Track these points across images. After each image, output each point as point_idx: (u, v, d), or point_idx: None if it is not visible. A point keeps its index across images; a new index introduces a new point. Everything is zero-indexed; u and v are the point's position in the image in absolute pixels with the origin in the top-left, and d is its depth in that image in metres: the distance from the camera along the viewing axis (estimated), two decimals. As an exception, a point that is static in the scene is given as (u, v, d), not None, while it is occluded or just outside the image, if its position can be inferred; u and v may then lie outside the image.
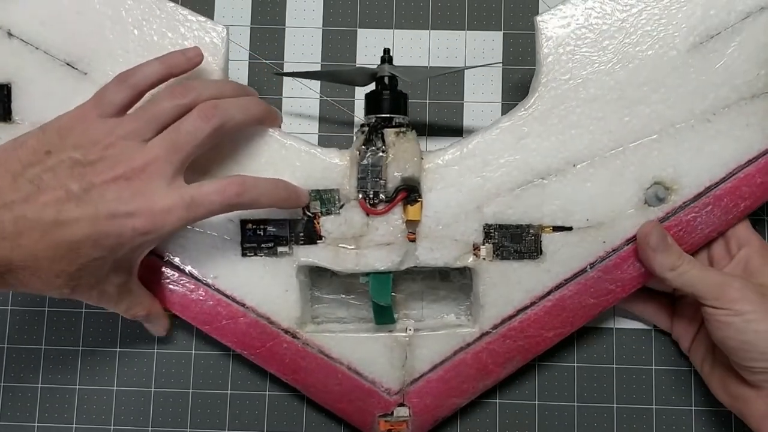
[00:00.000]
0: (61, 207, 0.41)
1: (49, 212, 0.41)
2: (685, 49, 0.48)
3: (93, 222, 0.41)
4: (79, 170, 0.42)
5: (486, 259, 0.50)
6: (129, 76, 0.45)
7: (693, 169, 0.49)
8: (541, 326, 0.50)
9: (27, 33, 0.51)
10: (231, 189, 0.44)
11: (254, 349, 0.51)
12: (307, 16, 0.59)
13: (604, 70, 0.49)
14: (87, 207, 0.41)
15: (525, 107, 0.49)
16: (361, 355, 0.51)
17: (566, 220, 0.49)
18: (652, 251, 0.47)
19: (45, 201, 0.41)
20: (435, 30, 0.58)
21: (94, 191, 0.42)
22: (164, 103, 0.44)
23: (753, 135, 0.48)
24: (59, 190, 0.41)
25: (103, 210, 0.41)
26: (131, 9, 0.51)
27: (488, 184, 0.49)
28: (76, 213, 0.41)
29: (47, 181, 0.42)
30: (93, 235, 0.41)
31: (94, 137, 0.43)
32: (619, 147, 0.49)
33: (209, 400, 0.56)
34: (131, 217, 0.42)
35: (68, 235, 0.41)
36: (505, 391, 0.55)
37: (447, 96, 0.57)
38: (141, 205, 0.42)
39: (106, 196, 0.42)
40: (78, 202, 0.41)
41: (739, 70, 0.48)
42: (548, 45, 0.49)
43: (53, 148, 0.42)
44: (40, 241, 0.41)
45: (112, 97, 0.44)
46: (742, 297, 0.46)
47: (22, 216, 0.41)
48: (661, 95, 0.48)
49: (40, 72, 0.51)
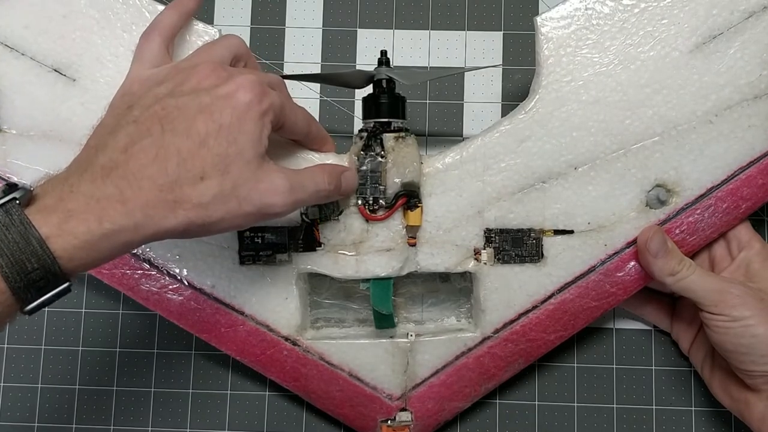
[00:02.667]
0: (167, 107, 0.38)
1: (155, 110, 0.38)
2: (688, 50, 0.48)
3: (205, 107, 0.38)
4: (171, 94, 0.39)
5: (487, 263, 0.49)
6: (152, 28, 0.44)
7: (695, 171, 0.48)
8: (543, 329, 0.50)
9: (11, 38, 0.49)
10: (332, 180, 0.44)
11: (254, 356, 0.51)
12: (307, 16, 0.58)
13: (606, 72, 0.48)
14: (190, 96, 0.39)
15: (525, 110, 0.48)
16: (363, 361, 0.51)
17: (568, 224, 0.49)
18: (653, 257, 0.47)
19: (149, 121, 0.38)
20: (435, 30, 0.58)
21: (191, 90, 0.39)
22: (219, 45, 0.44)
23: (755, 136, 0.48)
24: (161, 109, 0.38)
25: (208, 95, 0.39)
26: (120, 12, 0.49)
27: (489, 188, 0.49)
28: (180, 100, 0.38)
29: (142, 114, 0.38)
30: (210, 119, 0.38)
31: (167, 70, 0.41)
32: (621, 149, 0.48)
33: (209, 400, 0.56)
34: (242, 90, 0.39)
35: (188, 129, 0.38)
36: (505, 391, 0.56)
37: (447, 97, 0.57)
38: (249, 79, 0.40)
39: (203, 83, 0.39)
40: (179, 97, 0.39)
41: (742, 71, 0.48)
42: (548, 47, 0.48)
43: (131, 102, 0.39)
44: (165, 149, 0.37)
45: (149, 50, 0.43)
46: (740, 303, 0.46)
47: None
48: (663, 97, 0.48)
49: (27, 79, 0.49)
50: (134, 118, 0.38)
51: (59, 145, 0.49)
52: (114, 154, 0.37)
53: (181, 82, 0.40)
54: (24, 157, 0.50)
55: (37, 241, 0.34)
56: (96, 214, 0.35)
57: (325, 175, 0.44)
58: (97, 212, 0.35)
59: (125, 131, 0.38)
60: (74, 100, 0.49)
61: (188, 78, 0.40)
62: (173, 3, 0.46)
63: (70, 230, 0.35)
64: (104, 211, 0.36)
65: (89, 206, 0.35)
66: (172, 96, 0.39)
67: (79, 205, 0.35)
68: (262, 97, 0.40)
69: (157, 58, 0.43)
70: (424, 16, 0.58)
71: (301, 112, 0.45)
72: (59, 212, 0.35)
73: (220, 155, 0.38)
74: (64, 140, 0.49)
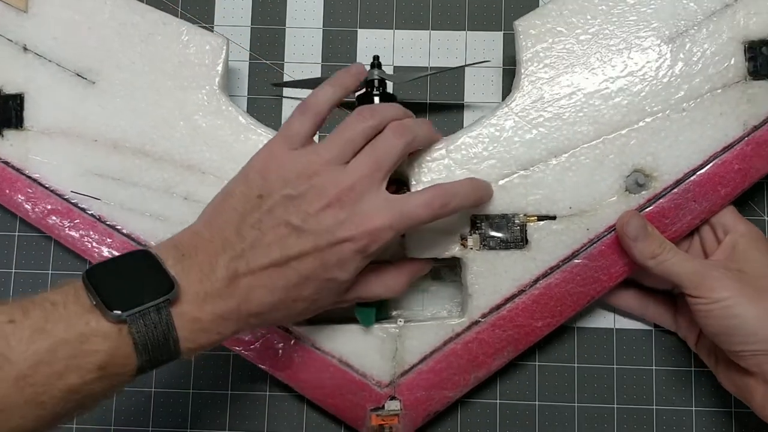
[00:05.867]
0: (284, 243, 0.42)
1: (275, 250, 0.42)
2: (659, 43, 0.51)
3: (316, 252, 0.43)
4: (293, 204, 0.43)
5: (473, 248, 0.51)
6: (309, 106, 0.46)
7: (671, 156, 0.50)
8: (530, 315, 0.51)
9: (41, 47, 0.54)
10: (437, 201, 0.45)
11: (248, 344, 0.52)
12: (307, 16, 0.59)
13: (581, 64, 0.51)
14: (308, 238, 0.43)
15: (507, 104, 0.51)
16: (353, 347, 0.51)
17: (550, 209, 0.51)
18: (632, 240, 0.48)
19: (269, 241, 0.42)
20: (435, 30, 0.59)
21: (311, 221, 0.43)
22: (356, 126, 0.45)
23: (727, 123, 0.50)
24: (281, 228, 0.43)
25: (323, 239, 0.43)
26: (138, 24, 0.54)
27: (474, 176, 0.51)
28: (299, 246, 0.42)
29: (267, 223, 0.43)
30: (319, 265, 0.43)
31: (298, 170, 0.44)
32: (599, 137, 0.50)
33: (209, 400, 0.56)
34: (350, 241, 0.43)
35: (297, 268, 0.43)
36: (505, 391, 0.55)
37: (447, 96, 0.58)
38: (357, 227, 0.43)
39: (323, 223, 0.43)
40: (299, 234, 0.43)
41: (710, 62, 0.50)
42: (526, 44, 0.52)
43: (263, 191, 0.43)
44: (273, 285, 0.43)
45: (298, 128, 0.46)
46: (719, 285, 0.46)
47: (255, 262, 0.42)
48: (637, 87, 0.51)
49: (51, 82, 0.54)
50: (259, 222, 0.43)
51: (75, 141, 0.53)
52: (239, 264, 0.42)
53: (304, 199, 0.43)
54: (43, 153, 0.54)
55: (173, 343, 0.39)
56: (219, 329, 0.41)
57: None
58: (220, 329, 0.41)
59: (251, 237, 0.43)
60: (91, 100, 0.54)
61: (311, 200, 0.43)
62: (332, 79, 0.48)
63: (197, 340, 0.40)
64: (225, 326, 0.41)
65: (214, 323, 0.41)
66: (293, 214, 0.43)
67: (213, 319, 0.41)
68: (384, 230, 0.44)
69: (304, 139, 0.46)
70: (424, 16, 0.59)
71: (428, 132, 0.50)
72: (193, 323, 0.40)
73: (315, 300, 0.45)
74: (81, 137, 0.53)
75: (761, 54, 0.50)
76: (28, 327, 0.36)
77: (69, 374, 0.36)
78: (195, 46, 0.54)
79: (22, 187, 0.54)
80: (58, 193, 0.54)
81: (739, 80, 0.50)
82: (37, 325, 0.36)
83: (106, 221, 0.53)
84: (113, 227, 0.53)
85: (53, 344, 0.36)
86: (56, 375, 0.36)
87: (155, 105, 0.53)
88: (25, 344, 0.36)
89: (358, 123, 0.46)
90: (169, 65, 0.54)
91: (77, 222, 0.54)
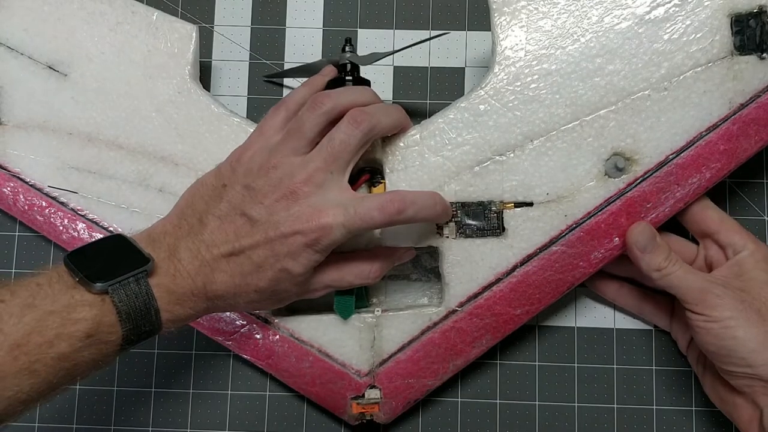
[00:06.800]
0: (239, 232, 0.44)
1: (231, 239, 0.44)
2: (637, 19, 0.48)
3: (267, 243, 0.44)
4: (251, 195, 0.44)
5: (449, 237, 0.50)
6: (282, 103, 0.48)
7: (652, 138, 0.48)
8: (508, 303, 0.50)
9: (12, 40, 0.54)
10: (392, 206, 0.44)
11: (228, 335, 0.52)
12: (307, 16, 0.59)
13: (557, 45, 0.49)
14: (259, 228, 0.44)
15: (481, 86, 0.50)
16: (331, 337, 0.51)
17: (527, 196, 0.49)
18: (641, 251, 0.47)
19: (226, 230, 0.44)
20: (435, 30, 0.58)
21: (263, 212, 0.44)
22: (307, 116, 0.46)
23: (711, 102, 0.48)
24: (238, 218, 0.44)
25: (274, 231, 0.44)
26: (106, 13, 0.53)
27: (448, 163, 0.50)
28: (252, 237, 0.44)
29: (226, 212, 0.44)
30: (270, 255, 0.44)
31: (260, 162, 0.45)
32: (576, 120, 0.49)
33: (209, 400, 0.56)
34: (300, 234, 0.43)
35: (251, 257, 0.44)
36: (505, 391, 0.55)
37: (447, 96, 0.57)
38: (308, 221, 0.43)
39: (275, 215, 0.44)
40: (252, 224, 0.44)
41: (693, 37, 0.48)
42: (501, 23, 0.50)
43: (227, 181, 0.45)
44: (232, 271, 0.44)
45: (271, 122, 0.47)
46: (721, 304, 0.45)
47: (217, 252, 0.44)
48: (615, 66, 0.48)
49: (24, 75, 0.53)
50: (220, 212, 0.45)
51: (51, 135, 0.53)
52: (201, 248, 0.44)
53: (260, 191, 0.44)
54: (20, 148, 0.54)
55: (155, 313, 0.42)
56: (190, 305, 0.44)
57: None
58: (192, 304, 0.44)
59: (212, 225, 0.44)
60: (65, 93, 0.53)
61: (267, 192, 0.44)
62: (306, 81, 0.50)
63: (174, 311, 0.43)
64: (195, 303, 0.44)
65: (186, 298, 0.43)
66: (248, 205, 0.44)
67: (184, 293, 0.43)
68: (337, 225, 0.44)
69: (276, 131, 0.47)
70: (424, 16, 0.58)
71: (392, 118, 0.48)
72: (169, 294, 0.42)
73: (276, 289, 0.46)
74: (56, 130, 0.53)
75: (749, 27, 0.47)
76: (17, 304, 0.39)
77: (59, 342, 0.38)
78: (164, 35, 0.53)
79: (3, 182, 0.54)
80: (38, 188, 0.54)
81: (725, 56, 0.48)
82: (26, 302, 0.39)
83: (84, 214, 0.53)
84: (92, 220, 0.53)
85: (42, 315, 0.38)
86: (47, 344, 0.38)
87: (126, 96, 0.53)
88: (17, 317, 0.38)
89: (308, 113, 0.46)
90: (139, 54, 0.53)
91: (59, 215, 0.54)
